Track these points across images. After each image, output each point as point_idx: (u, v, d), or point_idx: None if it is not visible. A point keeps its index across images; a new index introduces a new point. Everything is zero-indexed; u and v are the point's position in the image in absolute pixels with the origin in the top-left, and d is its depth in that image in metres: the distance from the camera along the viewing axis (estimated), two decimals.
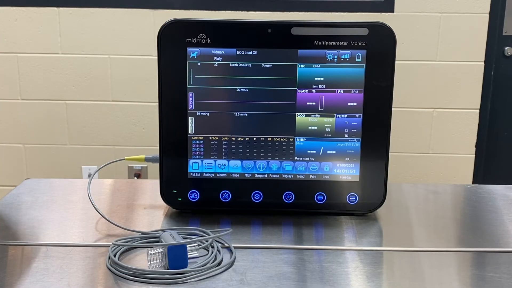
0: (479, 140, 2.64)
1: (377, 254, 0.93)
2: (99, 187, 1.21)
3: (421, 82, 2.57)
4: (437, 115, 2.61)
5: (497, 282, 0.84)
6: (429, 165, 2.66)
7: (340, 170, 1.05)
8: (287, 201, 1.06)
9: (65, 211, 1.10)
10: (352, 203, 1.06)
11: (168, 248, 0.84)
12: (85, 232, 1.00)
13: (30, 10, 2.54)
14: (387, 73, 1.02)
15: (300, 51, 1.01)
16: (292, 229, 1.02)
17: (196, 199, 1.06)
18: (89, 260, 0.90)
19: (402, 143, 2.62)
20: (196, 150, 1.05)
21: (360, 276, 0.86)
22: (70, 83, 2.59)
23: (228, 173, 1.06)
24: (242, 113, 1.03)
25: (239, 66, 1.02)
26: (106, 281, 0.83)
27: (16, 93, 2.61)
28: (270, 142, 1.04)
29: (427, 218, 1.11)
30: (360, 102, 1.03)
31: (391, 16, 2.51)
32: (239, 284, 0.82)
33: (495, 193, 1.21)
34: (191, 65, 1.01)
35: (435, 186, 1.28)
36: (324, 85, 1.02)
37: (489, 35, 2.54)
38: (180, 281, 0.82)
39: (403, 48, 2.47)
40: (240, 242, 0.95)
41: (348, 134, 1.04)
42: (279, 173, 1.05)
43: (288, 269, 0.87)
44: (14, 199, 1.15)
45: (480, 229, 1.05)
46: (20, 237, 0.98)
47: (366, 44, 1.01)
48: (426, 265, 0.91)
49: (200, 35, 1.01)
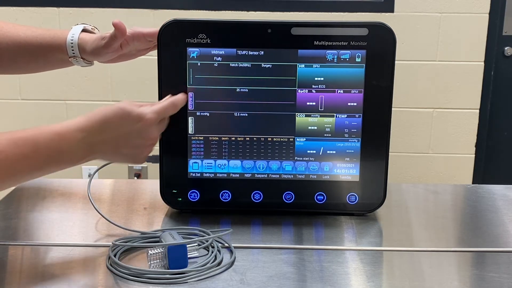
0: (479, 140, 2.64)
1: (377, 254, 0.93)
2: (99, 187, 1.21)
3: (421, 82, 2.57)
4: (437, 115, 2.61)
5: (497, 282, 0.84)
6: (429, 165, 2.66)
7: (340, 170, 1.05)
8: (287, 201, 1.06)
9: (65, 211, 1.10)
10: (352, 203, 1.06)
11: (168, 248, 0.84)
12: (85, 232, 1.00)
13: (30, 10, 2.54)
14: (387, 73, 1.02)
15: (300, 51, 1.01)
16: (292, 229, 1.02)
17: (196, 199, 1.06)
18: (89, 260, 0.90)
19: (402, 143, 2.62)
20: (196, 150, 1.05)
21: (360, 276, 0.86)
22: (70, 83, 2.59)
23: (228, 173, 1.06)
24: (242, 113, 1.03)
25: (239, 66, 1.02)
26: (106, 281, 0.83)
27: (16, 93, 2.61)
28: (270, 142, 1.04)
29: (427, 218, 1.11)
30: (360, 102, 1.03)
31: (391, 16, 2.51)
32: (239, 284, 0.82)
33: (495, 193, 1.21)
34: (191, 65, 1.01)
35: (435, 186, 1.28)
36: (324, 85, 1.02)
37: (489, 35, 2.54)
38: (180, 281, 0.82)
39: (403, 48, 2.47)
40: (240, 242, 0.95)
41: (348, 134, 1.04)
42: (279, 173, 1.05)
43: (288, 269, 0.87)
44: (14, 199, 1.15)
45: (480, 229, 1.05)
46: (20, 237, 0.98)
47: (366, 44, 1.01)
48: (426, 265, 0.91)
49: (200, 35, 1.01)
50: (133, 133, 0.91)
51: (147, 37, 1.05)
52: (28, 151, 0.82)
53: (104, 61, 1.08)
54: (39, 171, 0.86)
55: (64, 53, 1.06)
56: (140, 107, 0.92)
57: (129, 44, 1.06)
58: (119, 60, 1.10)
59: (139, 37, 1.05)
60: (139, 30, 1.05)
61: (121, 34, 1.01)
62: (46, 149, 0.84)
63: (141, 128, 0.91)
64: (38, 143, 0.83)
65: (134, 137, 0.91)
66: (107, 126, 0.89)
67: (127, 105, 0.91)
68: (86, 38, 1.05)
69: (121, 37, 1.02)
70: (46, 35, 1.06)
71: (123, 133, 0.90)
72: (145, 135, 0.93)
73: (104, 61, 1.08)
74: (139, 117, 0.91)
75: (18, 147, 0.82)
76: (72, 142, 0.86)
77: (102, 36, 1.04)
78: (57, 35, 1.06)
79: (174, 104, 0.97)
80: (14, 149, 0.81)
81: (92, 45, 1.04)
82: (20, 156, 0.82)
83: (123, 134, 0.90)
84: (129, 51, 1.08)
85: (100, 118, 0.89)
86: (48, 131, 0.85)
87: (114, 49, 1.04)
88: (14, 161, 0.81)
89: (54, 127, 0.86)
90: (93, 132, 0.88)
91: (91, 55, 1.06)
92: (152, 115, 0.92)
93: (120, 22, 1.00)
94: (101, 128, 0.89)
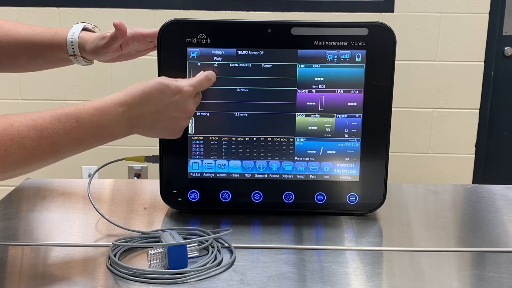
0: (479, 140, 2.64)
1: (377, 254, 0.93)
2: (99, 187, 1.21)
3: (421, 82, 2.57)
4: (437, 115, 2.61)
5: (497, 282, 0.84)
6: (429, 165, 2.66)
7: (340, 170, 1.05)
8: (287, 201, 1.06)
9: (65, 211, 1.10)
10: (352, 203, 1.06)
11: (168, 248, 0.84)
12: (85, 232, 1.00)
13: (30, 10, 2.54)
14: (387, 73, 1.02)
15: (300, 51, 1.01)
16: (292, 229, 1.02)
17: (196, 199, 1.06)
18: (89, 260, 0.90)
19: (402, 143, 2.62)
20: (196, 150, 1.05)
21: (360, 276, 0.86)
22: (70, 83, 2.59)
23: (228, 173, 1.06)
24: (242, 113, 1.03)
25: (239, 66, 1.02)
26: (106, 281, 0.83)
27: (16, 93, 2.61)
28: (270, 142, 1.04)
29: (427, 218, 1.11)
30: (360, 102, 1.03)
31: (391, 16, 2.51)
32: (239, 284, 0.82)
33: (495, 193, 1.21)
34: (191, 65, 1.01)
35: (435, 186, 1.28)
36: (324, 85, 1.02)
37: (489, 35, 2.54)
38: (180, 281, 0.82)
39: (403, 48, 2.47)
40: (240, 242, 0.95)
41: (348, 134, 1.04)
42: (279, 173, 1.05)
43: (288, 269, 0.87)
44: (14, 199, 1.15)
45: (480, 229, 1.05)
46: (20, 237, 0.98)
47: (366, 44, 1.01)
48: (426, 265, 0.91)
49: (200, 35, 1.01)
50: (171, 105, 0.93)
51: (147, 37, 1.06)
52: (71, 126, 0.85)
53: (103, 60, 1.08)
54: (82, 146, 0.88)
55: (64, 52, 1.06)
56: (177, 81, 0.95)
57: (129, 44, 1.06)
58: (119, 60, 1.10)
59: (139, 37, 1.05)
60: (139, 31, 1.05)
61: (121, 35, 1.01)
62: (88, 124, 0.86)
63: (179, 100, 0.94)
64: (80, 119, 0.86)
65: (173, 109, 0.94)
66: (147, 99, 0.91)
67: (164, 79, 0.94)
68: (86, 37, 1.06)
69: (121, 38, 1.02)
70: (46, 33, 1.07)
71: (162, 105, 0.92)
72: (183, 108, 0.95)
73: (103, 60, 1.08)
74: (177, 89, 0.93)
75: (61, 123, 0.84)
76: (113, 117, 0.88)
77: (102, 36, 1.04)
78: (57, 34, 1.06)
79: (208, 78, 0.99)
80: (57, 125, 0.84)
81: (91, 44, 1.05)
82: (63, 132, 0.84)
83: (162, 106, 0.93)
84: (129, 52, 1.08)
85: (139, 92, 0.91)
86: (89, 106, 0.87)
87: (113, 49, 1.04)
88: (58, 137, 0.84)
89: (95, 103, 0.88)
90: (133, 106, 0.90)
91: (91, 54, 1.06)
92: (189, 88, 0.95)
93: (121, 23, 1.00)
94: (141, 101, 0.91)
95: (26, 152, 0.81)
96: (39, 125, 0.82)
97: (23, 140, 0.81)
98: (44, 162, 0.85)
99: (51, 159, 0.86)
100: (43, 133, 0.82)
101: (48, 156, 0.85)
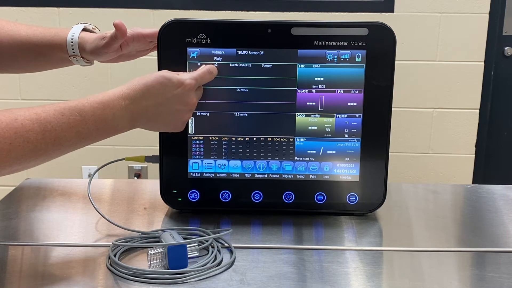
0: (479, 140, 2.64)
1: (377, 254, 0.93)
2: (99, 187, 1.21)
3: (421, 82, 2.57)
4: (437, 115, 2.61)
5: (497, 282, 0.84)
6: (429, 165, 2.66)
7: (340, 170, 1.05)
8: (287, 201, 1.06)
9: (65, 211, 1.10)
10: (352, 203, 1.06)
11: (168, 248, 0.84)
12: (85, 232, 1.00)
13: (30, 10, 2.54)
14: (387, 73, 1.02)
15: (300, 51, 1.01)
16: (292, 229, 1.02)
17: (196, 199, 1.06)
18: (89, 260, 0.90)
19: (402, 143, 2.62)
20: (196, 150, 1.05)
21: (360, 276, 0.86)
22: (70, 83, 2.59)
23: (228, 173, 1.06)
24: (242, 113, 1.03)
25: (239, 66, 1.02)
26: (106, 281, 0.83)
27: (16, 93, 2.61)
28: (270, 142, 1.04)
29: (427, 218, 1.11)
30: (360, 102, 1.03)
31: (391, 16, 2.51)
32: (239, 284, 0.82)
33: (495, 193, 1.21)
34: (191, 65, 1.01)
35: (435, 186, 1.28)
36: (324, 85, 1.03)
37: (489, 35, 2.54)
38: (180, 281, 0.82)
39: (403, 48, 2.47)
40: (240, 242, 0.95)
41: (348, 134, 1.04)
42: (279, 173, 1.05)
43: (288, 269, 0.87)
44: (14, 199, 1.15)
45: (480, 229, 1.05)
46: (20, 237, 0.98)
47: (366, 44, 1.01)
48: (426, 265, 0.91)
49: (200, 35, 1.01)
50: (174, 98, 0.94)
51: (147, 38, 1.06)
52: (74, 120, 0.85)
53: (103, 60, 1.08)
54: (85, 139, 0.88)
55: (64, 52, 1.06)
56: (179, 74, 0.95)
57: (129, 44, 1.06)
58: (119, 60, 1.10)
59: (139, 38, 1.06)
60: (139, 31, 1.05)
61: (121, 35, 1.01)
62: (91, 117, 0.87)
63: (181, 93, 0.94)
64: (83, 112, 0.86)
65: (175, 102, 0.94)
66: (149, 92, 0.92)
67: (167, 72, 0.94)
68: (86, 37, 1.06)
69: (121, 38, 1.02)
70: (47, 34, 1.07)
71: (164, 98, 0.93)
72: (185, 100, 0.95)
73: (103, 60, 1.08)
74: (179, 82, 0.94)
75: (64, 116, 0.85)
76: (116, 110, 0.89)
77: (102, 36, 1.04)
78: (57, 34, 1.06)
79: (210, 71, 1.00)
80: (61, 119, 0.84)
81: (91, 45, 1.05)
82: (66, 126, 0.85)
83: (165, 99, 0.93)
84: (129, 52, 1.08)
85: (142, 85, 0.91)
86: (92, 100, 0.88)
87: (113, 50, 1.04)
88: (62, 130, 0.84)
89: (98, 97, 0.89)
90: (136, 99, 0.91)
91: (91, 54, 1.06)
92: (191, 81, 0.95)
93: (121, 23, 1.00)
94: (143, 95, 0.91)
95: (31, 146, 0.82)
96: (42, 118, 0.83)
97: (28, 134, 0.81)
98: (48, 156, 0.85)
99: (55, 152, 0.86)
100: (47, 127, 0.83)
101: (52, 150, 0.85)
